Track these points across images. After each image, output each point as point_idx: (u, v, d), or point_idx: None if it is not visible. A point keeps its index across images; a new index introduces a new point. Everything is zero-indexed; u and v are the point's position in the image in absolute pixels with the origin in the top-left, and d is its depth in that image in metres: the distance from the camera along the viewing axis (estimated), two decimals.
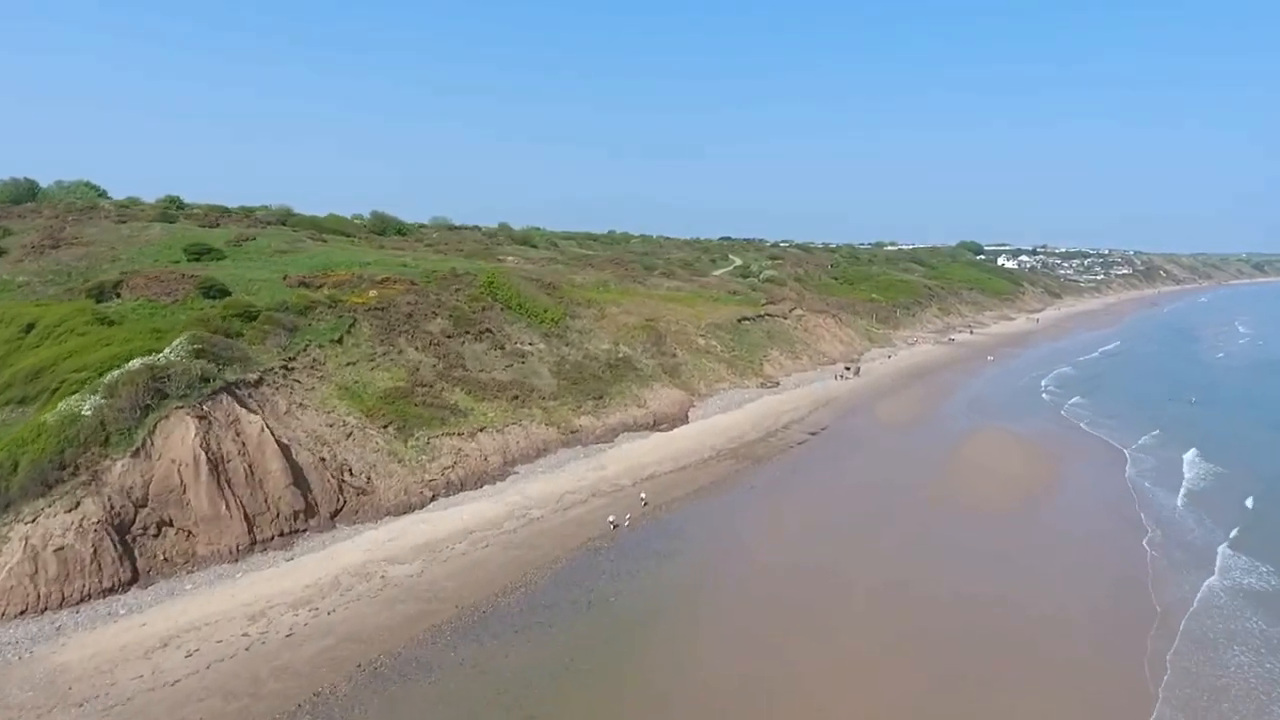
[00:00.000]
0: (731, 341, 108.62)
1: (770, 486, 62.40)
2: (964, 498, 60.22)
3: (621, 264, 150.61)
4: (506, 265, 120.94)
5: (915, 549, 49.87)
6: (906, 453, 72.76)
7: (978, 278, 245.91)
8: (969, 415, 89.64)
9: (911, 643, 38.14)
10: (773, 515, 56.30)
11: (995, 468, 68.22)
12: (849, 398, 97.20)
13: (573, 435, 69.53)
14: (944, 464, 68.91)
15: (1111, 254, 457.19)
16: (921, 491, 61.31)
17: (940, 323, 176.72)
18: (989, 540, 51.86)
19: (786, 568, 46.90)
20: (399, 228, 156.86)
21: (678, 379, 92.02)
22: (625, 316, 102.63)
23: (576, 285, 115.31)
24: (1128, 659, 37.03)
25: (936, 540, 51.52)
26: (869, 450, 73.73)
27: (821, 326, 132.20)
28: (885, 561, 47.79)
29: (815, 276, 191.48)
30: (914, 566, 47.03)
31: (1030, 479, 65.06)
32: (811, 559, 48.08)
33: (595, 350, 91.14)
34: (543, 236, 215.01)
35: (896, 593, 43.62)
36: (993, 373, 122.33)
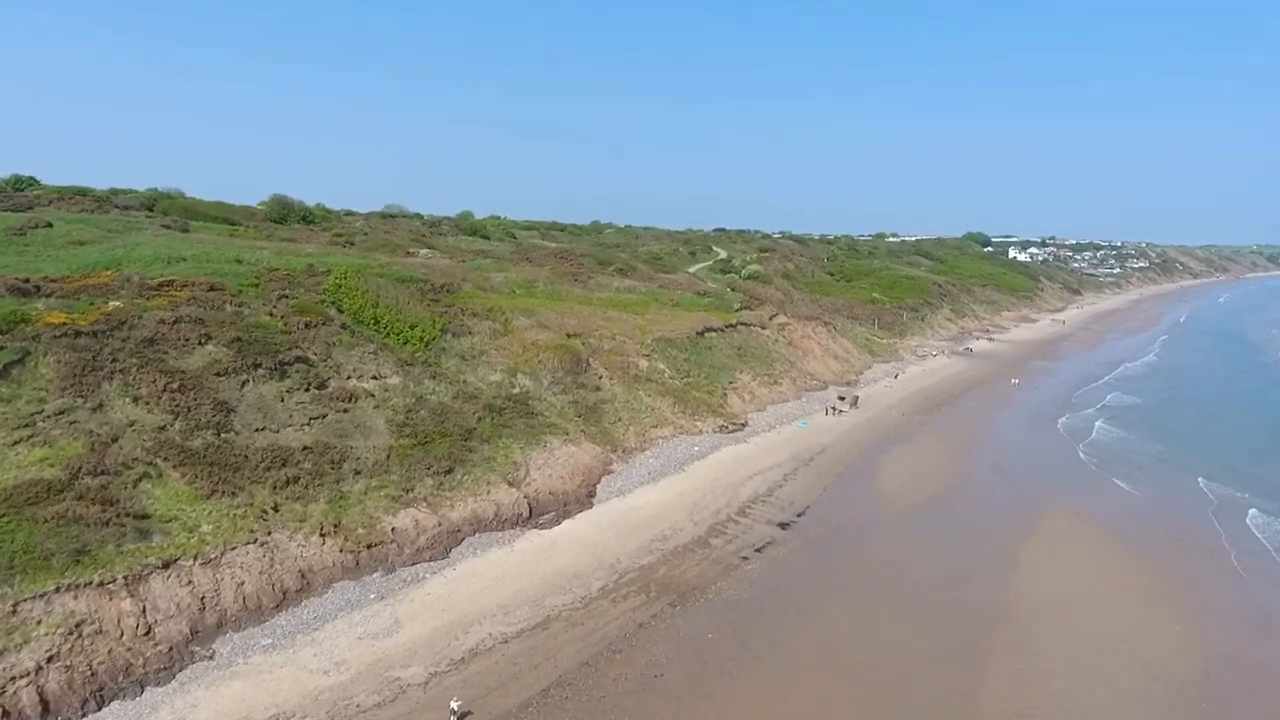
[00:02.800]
0: (686, 363, 79.65)
1: (695, 674, 33.48)
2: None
3: (569, 259, 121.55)
4: (399, 263, 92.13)
5: None
6: (933, 575, 43.75)
7: (992, 272, 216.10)
8: (1011, 482, 60.59)
9: None
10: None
11: (1095, 618, 39.31)
12: (841, 448, 68.20)
13: (371, 551, 40.55)
14: (1000, 605, 40.00)
15: (1125, 246, 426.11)
16: (982, 693, 32.43)
17: (954, 328, 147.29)
18: None
19: None
20: (305, 215, 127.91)
21: (595, 426, 63.11)
22: (537, 332, 73.73)
23: (486, 289, 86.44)
24: None
25: None
26: (870, 568, 44.71)
27: (810, 338, 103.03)
28: None
29: (808, 273, 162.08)
30: None
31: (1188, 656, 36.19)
32: None
33: (477, 385, 62.33)
34: (500, 226, 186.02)
35: None
36: (1027, 402, 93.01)
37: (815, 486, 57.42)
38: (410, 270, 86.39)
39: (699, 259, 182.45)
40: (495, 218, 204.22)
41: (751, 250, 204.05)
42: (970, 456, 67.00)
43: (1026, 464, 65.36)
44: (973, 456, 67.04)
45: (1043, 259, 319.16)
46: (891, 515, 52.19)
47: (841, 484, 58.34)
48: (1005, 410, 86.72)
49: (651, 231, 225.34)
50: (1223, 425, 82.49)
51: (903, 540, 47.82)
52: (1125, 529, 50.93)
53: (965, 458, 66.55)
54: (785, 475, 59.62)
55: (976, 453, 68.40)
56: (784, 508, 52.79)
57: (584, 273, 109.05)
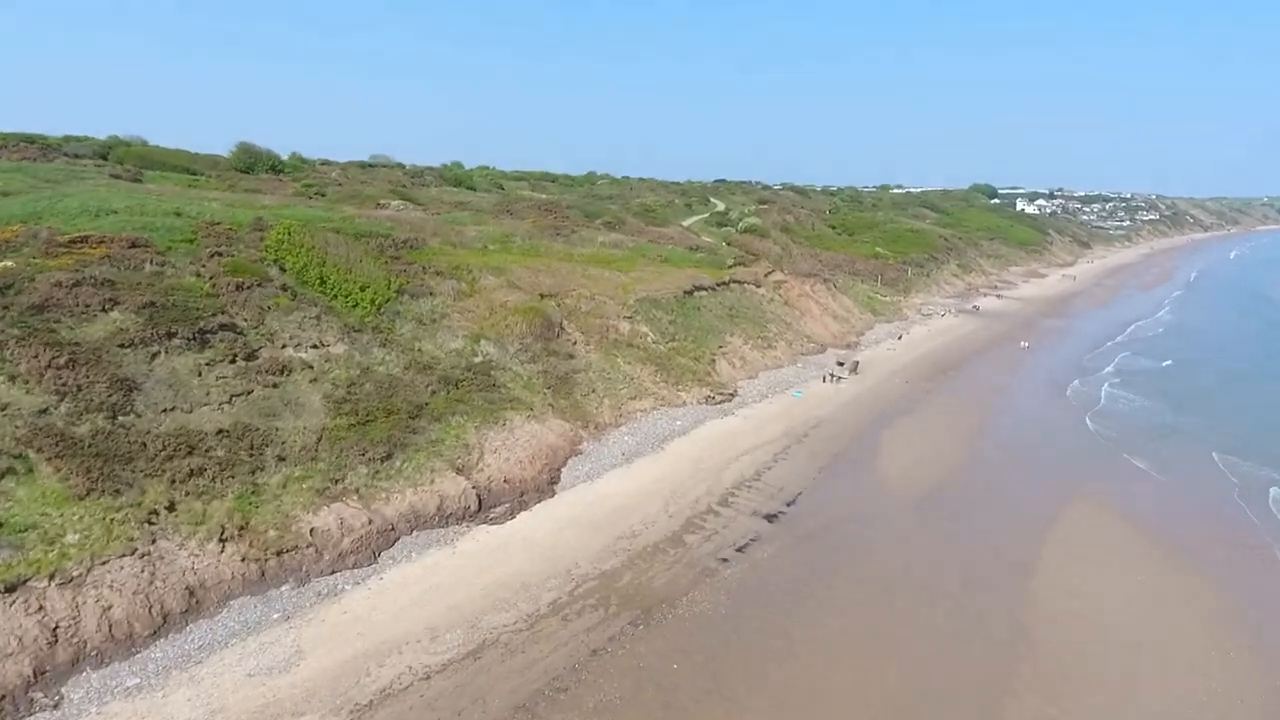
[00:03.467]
0: (671, 326, 72.79)
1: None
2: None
3: (553, 211, 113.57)
4: (364, 215, 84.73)
5: None
6: (939, 584, 37.60)
7: (999, 225, 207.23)
8: (1022, 463, 54.25)
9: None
10: None
11: (1132, 640, 33.24)
12: (839, 422, 61.77)
13: (282, 559, 34.34)
14: (1021, 625, 33.88)
15: (1135, 198, 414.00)
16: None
17: (960, 284, 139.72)
18: None
19: None
20: (274, 164, 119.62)
21: (565, 399, 56.61)
22: (507, 293, 66.79)
23: (456, 244, 79.18)
24: None
25: None
26: (866, 575, 38.54)
27: (808, 297, 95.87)
28: None
29: (808, 226, 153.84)
30: None
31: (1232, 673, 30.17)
32: None
33: (435, 353, 55.71)
34: (487, 177, 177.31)
35: None
36: (1038, 367, 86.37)
37: (808, 469, 51.07)
38: (373, 224, 79.08)
39: (695, 211, 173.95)
40: (484, 168, 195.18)
41: (751, 202, 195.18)
42: (978, 432, 60.53)
43: (1038, 440, 58.91)
44: (981, 432, 60.57)
45: (1051, 211, 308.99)
46: (892, 505, 45.88)
47: (837, 466, 51.99)
48: (1015, 376, 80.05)
49: (647, 183, 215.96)
50: (1238, 392, 75.80)
51: (904, 538, 41.58)
52: (1148, 519, 44.60)
53: (973, 433, 60.09)
54: (775, 455, 53.26)
55: (985, 427, 61.92)
56: (772, 495, 46.50)
57: (567, 226, 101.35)
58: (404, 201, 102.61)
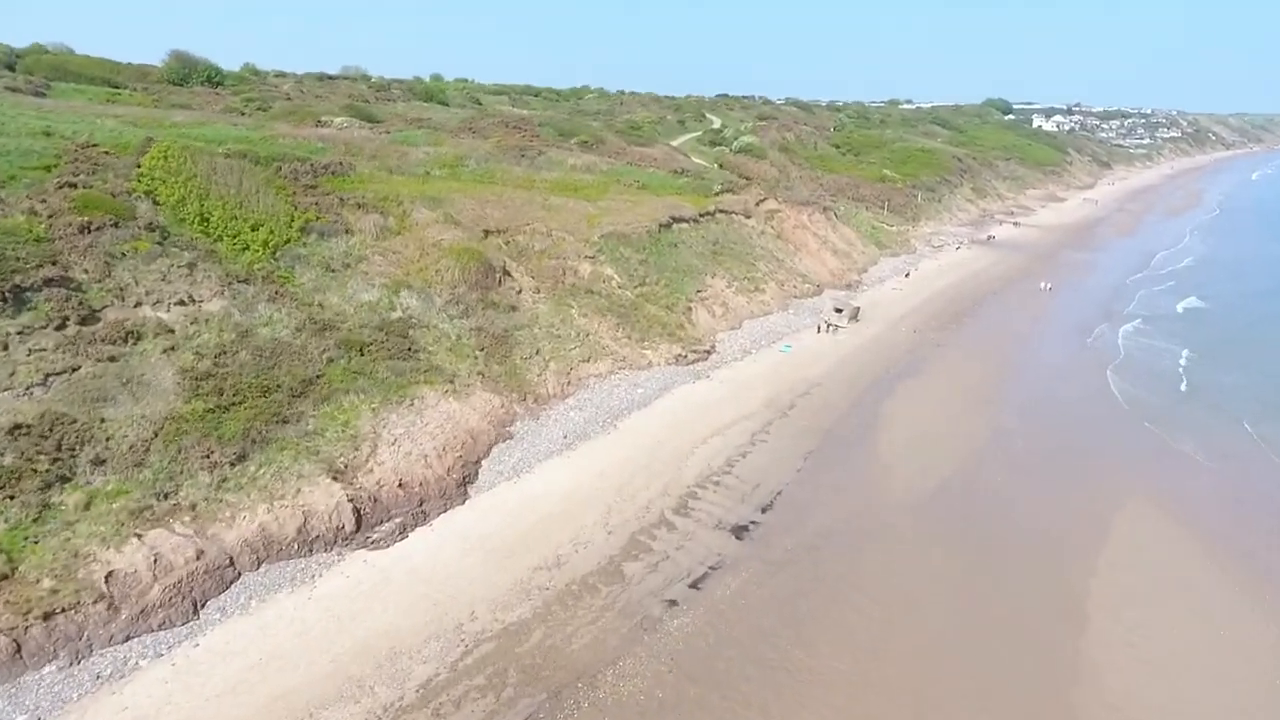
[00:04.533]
0: (642, 267, 61.76)
1: None
2: None
3: (523, 129, 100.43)
4: (293, 135, 72.54)
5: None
6: (959, 638, 28.06)
7: (1015, 144, 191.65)
8: (1056, 444, 44.27)
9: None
10: None
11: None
12: (833, 386, 51.49)
13: (51, 624, 24.64)
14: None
15: (1155, 114, 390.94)
16: None
17: (974, 210, 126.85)
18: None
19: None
20: (211, 75, 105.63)
21: (500, 364, 46.23)
22: (444, 229, 55.58)
23: (393, 170, 67.36)
24: None
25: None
26: (861, 625, 28.96)
27: (805, 228, 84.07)
28: None
29: (810, 145, 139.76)
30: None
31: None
32: None
33: (340, 308, 45.09)
34: (464, 90, 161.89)
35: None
36: (1062, 312, 75.56)
37: (792, 455, 41.14)
38: (298, 146, 67.14)
39: (688, 129, 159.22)
40: (461, 81, 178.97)
41: (750, 119, 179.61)
42: (997, 401, 50.27)
43: (1067, 413, 48.72)
44: (1001, 401, 50.30)
45: (1069, 129, 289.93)
46: (893, 509, 36.10)
47: (828, 449, 42.03)
48: (1036, 325, 69.29)
49: (639, 97, 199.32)
50: None
51: (911, 562, 31.92)
52: (1209, 531, 34.94)
53: (991, 403, 49.85)
54: (753, 435, 43.26)
55: (1005, 394, 51.65)
56: (744, 496, 36.72)
57: (535, 147, 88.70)
58: (351, 118, 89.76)
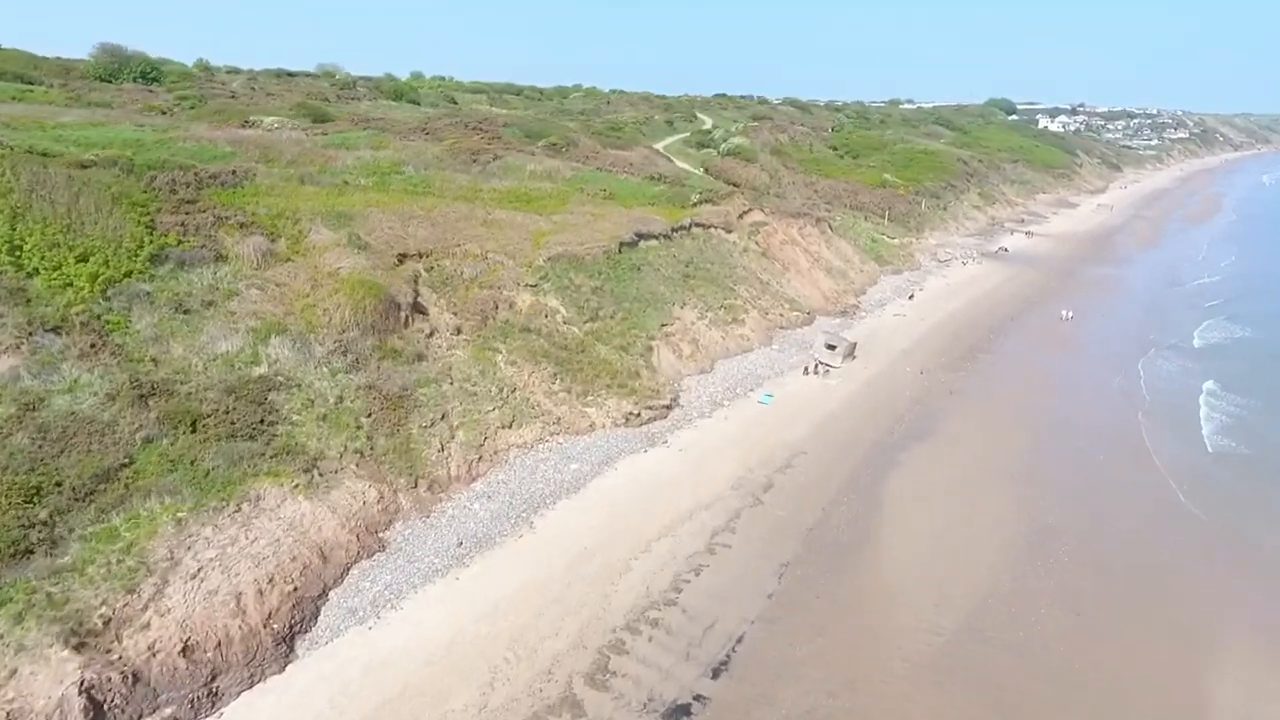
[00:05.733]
0: (595, 296, 50.85)
1: None
2: None
3: (484, 130, 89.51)
4: (197, 138, 61.85)
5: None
6: None
7: (1022, 145, 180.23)
8: (1119, 561, 33.38)
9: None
10: None
11: None
12: (820, 457, 40.55)
13: None
14: None
15: (1161, 114, 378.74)
16: None
17: (982, 218, 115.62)
18: None
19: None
20: (145, 70, 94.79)
21: (390, 438, 35.26)
22: (346, 253, 44.72)
23: (307, 178, 56.56)
24: None
25: None
26: None
27: (795, 244, 73.03)
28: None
29: (805, 147, 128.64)
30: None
31: None
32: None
33: (181, 364, 34.19)
34: (439, 89, 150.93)
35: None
36: (1091, 346, 64.65)
37: (762, 570, 30.30)
38: (199, 150, 56.59)
39: (677, 129, 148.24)
40: (438, 79, 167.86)
41: (743, 119, 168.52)
42: (1028, 481, 39.28)
43: (1120, 503, 37.83)
44: (1033, 481, 39.31)
45: (1074, 129, 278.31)
46: (901, 674, 25.24)
47: (810, 561, 31.15)
48: (1063, 364, 58.35)
49: (627, 96, 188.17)
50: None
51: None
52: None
53: (1020, 482, 38.89)
54: (714, 535, 32.43)
55: (1037, 471, 40.67)
56: (691, 645, 25.91)
57: (493, 150, 77.79)
58: (299, 118, 78.84)
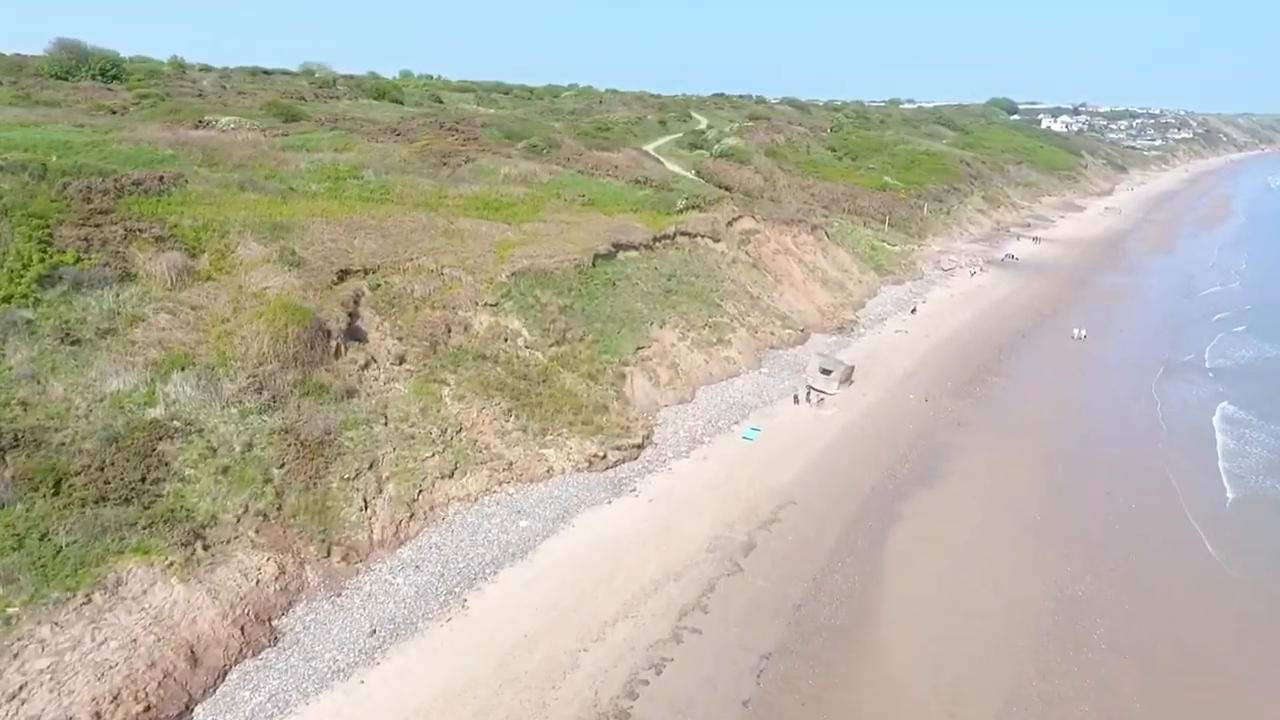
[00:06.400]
0: (564, 315, 45.27)
1: None
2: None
3: (460, 132, 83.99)
4: (134, 140, 56.42)
5: None
6: None
7: (1026, 146, 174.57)
8: (1165, 648, 27.82)
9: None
10: None
11: None
12: (812, 502, 34.90)
13: None
14: None
15: (1164, 114, 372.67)
16: None
17: (987, 222, 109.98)
18: None
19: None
20: (106, 68, 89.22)
21: (305, 494, 29.77)
22: (275, 272, 39.17)
23: (250, 184, 51.02)
24: None
25: None
26: None
27: (789, 253, 67.45)
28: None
29: (802, 148, 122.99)
30: None
31: None
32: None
33: (60, 407, 28.61)
34: (425, 88, 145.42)
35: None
36: (1109, 367, 59.15)
37: (738, 665, 24.75)
38: (138, 152, 51.22)
39: (670, 130, 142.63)
40: (425, 78, 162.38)
41: (740, 118, 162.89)
42: (1052, 537, 33.68)
43: (1160, 567, 32.33)
44: (1056, 537, 33.71)
45: (1077, 129, 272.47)
46: None
47: (797, 650, 25.58)
48: (1079, 388, 52.74)
49: (620, 96, 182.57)
50: None
51: None
52: None
53: (1043, 539, 33.30)
54: (682, 614, 26.90)
55: (1061, 524, 35.07)
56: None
57: (465, 152, 72.26)
58: (239, 119, 73.24)
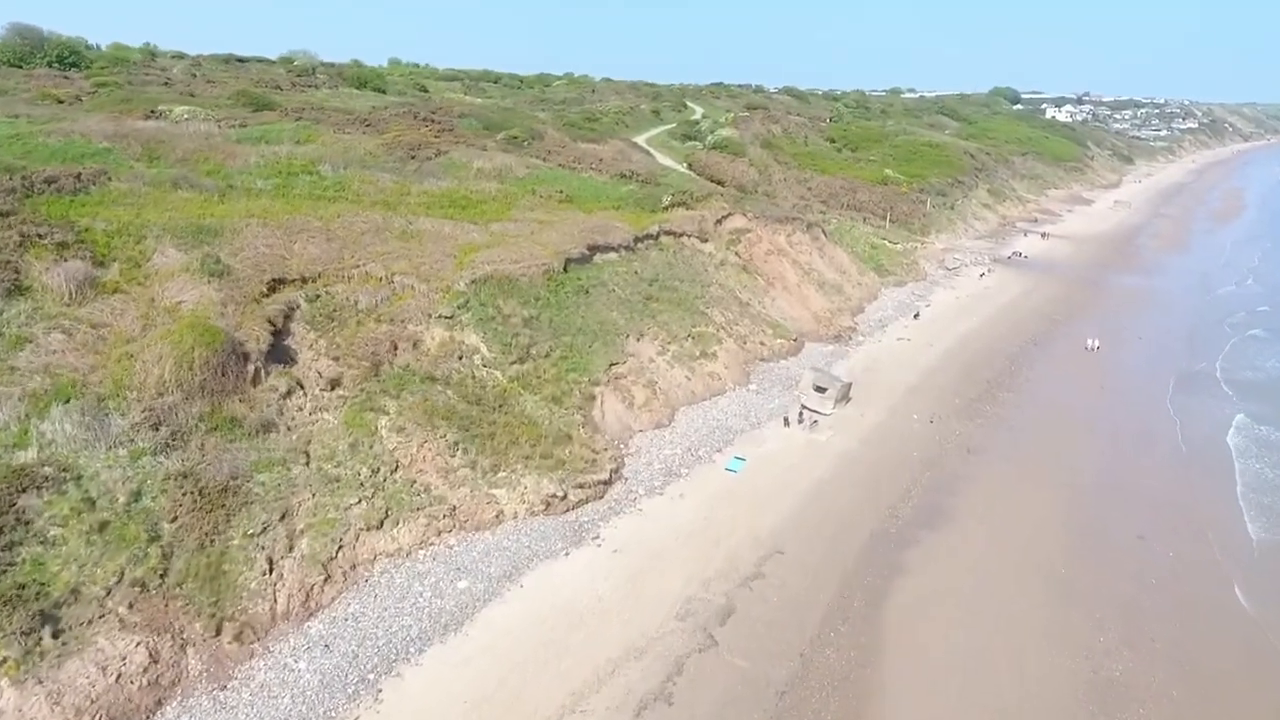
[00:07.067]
0: (528, 328, 40.28)
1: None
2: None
3: (435, 123, 78.78)
4: (61, 132, 51.54)
5: None
6: None
7: (1031, 137, 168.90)
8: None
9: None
10: None
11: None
12: (803, 551, 30.02)
13: None
14: None
15: (1169, 104, 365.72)
16: None
17: (993, 218, 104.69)
18: None
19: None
20: (64, 54, 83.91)
21: (198, 555, 24.96)
22: (191, 284, 34.21)
23: (187, 181, 46.08)
24: None
25: None
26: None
27: (782, 254, 62.34)
28: None
29: (800, 140, 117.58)
30: None
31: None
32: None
33: None
34: (410, 76, 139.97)
35: None
36: (1128, 383, 54.29)
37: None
38: (67, 145, 46.42)
39: (664, 120, 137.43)
40: (412, 66, 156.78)
41: (737, 108, 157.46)
42: (1082, 596, 28.83)
43: (1199, 633, 27.60)
44: (1090, 598, 28.82)
45: (1081, 119, 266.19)
46: None
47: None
48: (1097, 407, 47.80)
49: (614, 85, 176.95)
50: None
51: None
52: None
53: (1074, 601, 28.43)
54: (641, 709, 22.07)
55: (1090, 580, 30.24)
56: None
57: (436, 145, 67.17)
58: (194, 109, 67.96)
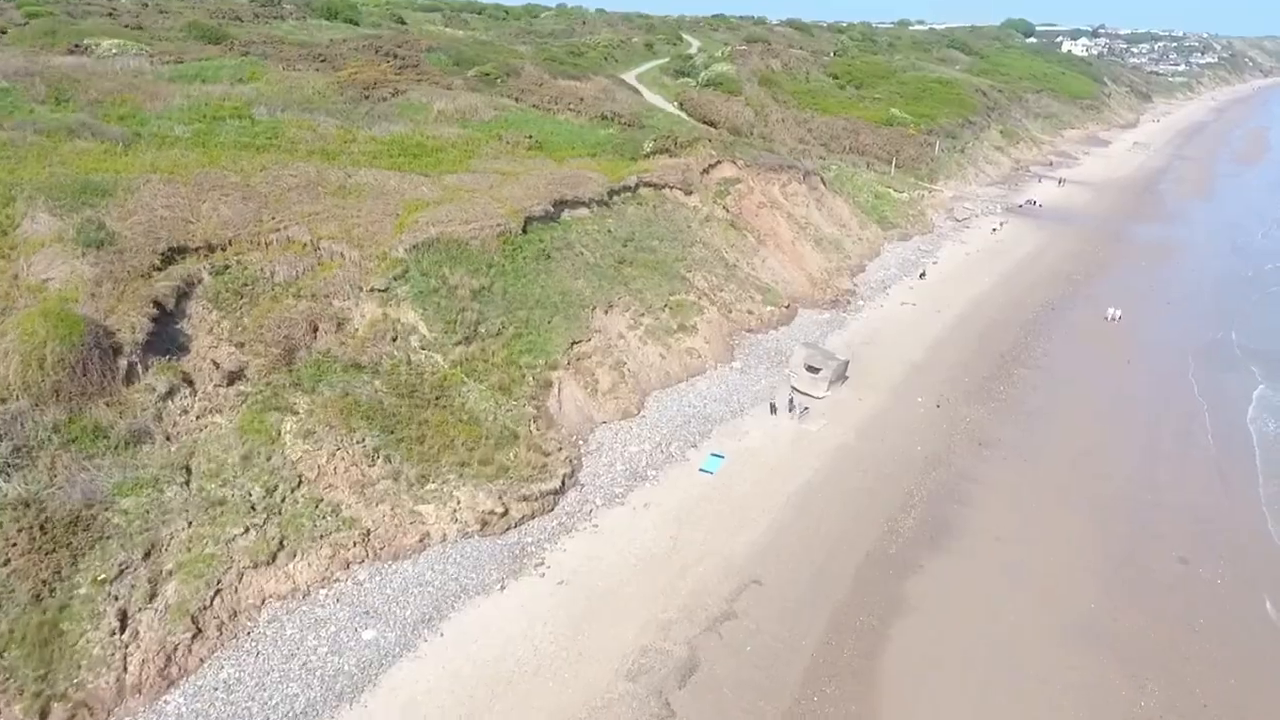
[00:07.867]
0: (476, 302, 34.59)
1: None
2: None
3: (399, 55, 71.24)
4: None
5: None
6: None
7: (1046, 72, 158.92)
8: None
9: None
10: None
11: None
12: (786, 580, 25.04)
13: None
14: None
15: (1187, 37, 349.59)
16: None
17: (1006, 161, 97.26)
18: None
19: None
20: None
21: (25, 615, 19.94)
22: (64, 257, 28.38)
23: (95, 128, 39.78)
24: None
25: None
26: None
27: (776, 206, 55.98)
28: None
29: (800, 76, 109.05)
30: None
31: None
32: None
33: None
34: (383, 7, 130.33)
35: None
36: (1157, 364, 48.88)
37: None
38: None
39: (657, 54, 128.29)
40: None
41: (737, 40, 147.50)
42: (1120, 640, 24.19)
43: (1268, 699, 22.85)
44: (1125, 639, 24.23)
45: (1097, 53, 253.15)
46: None
47: None
48: (1123, 389, 42.58)
49: (606, 16, 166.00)
50: None
51: None
52: None
53: (1108, 642, 23.77)
54: None
55: (1127, 618, 25.51)
56: None
57: (394, 84, 60.13)
58: (124, 42, 60.61)
